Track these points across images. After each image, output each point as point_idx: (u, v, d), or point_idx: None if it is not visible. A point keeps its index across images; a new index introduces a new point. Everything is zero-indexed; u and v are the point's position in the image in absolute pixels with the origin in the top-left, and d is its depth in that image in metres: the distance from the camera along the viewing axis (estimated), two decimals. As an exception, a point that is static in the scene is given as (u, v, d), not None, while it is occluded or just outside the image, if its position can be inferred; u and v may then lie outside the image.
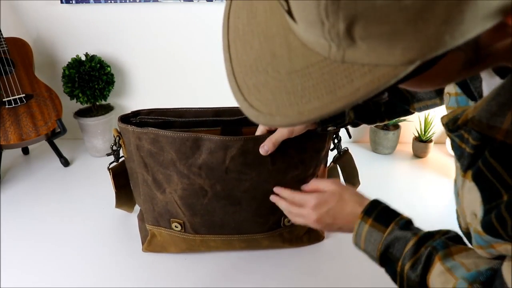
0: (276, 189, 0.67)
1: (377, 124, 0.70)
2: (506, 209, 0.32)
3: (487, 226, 0.35)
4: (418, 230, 0.50)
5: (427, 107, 0.68)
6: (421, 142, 1.17)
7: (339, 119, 0.65)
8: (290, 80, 0.27)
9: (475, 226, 0.37)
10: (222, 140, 0.63)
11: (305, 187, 0.65)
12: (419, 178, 1.08)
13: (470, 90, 0.41)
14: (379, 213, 0.54)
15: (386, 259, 0.51)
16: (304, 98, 0.26)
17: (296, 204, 0.63)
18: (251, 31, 0.29)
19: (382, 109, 0.65)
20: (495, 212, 0.34)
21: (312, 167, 0.70)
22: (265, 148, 0.63)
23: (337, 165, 0.79)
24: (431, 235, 0.48)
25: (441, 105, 0.67)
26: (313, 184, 0.64)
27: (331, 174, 0.80)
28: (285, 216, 0.74)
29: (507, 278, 0.35)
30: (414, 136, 1.20)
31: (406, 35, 0.22)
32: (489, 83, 0.36)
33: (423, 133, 1.17)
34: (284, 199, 0.66)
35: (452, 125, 0.36)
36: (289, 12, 0.26)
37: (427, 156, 1.19)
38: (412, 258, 0.47)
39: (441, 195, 0.97)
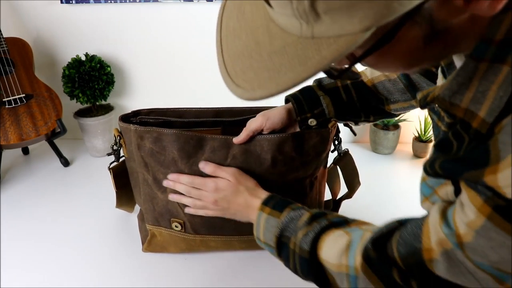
0: (172, 176, 0.65)
1: (357, 122, 0.71)
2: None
3: (425, 168, 0.38)
4: (310, 209, 0.54)
5: (404, 109, 0.69)
6: (421, 142, 1.17)
7: (318, 115, 0.66)
8: (270, 60, 0.31)
9: (422, 175, 0.40)
10: (225, 138, 0.63)
11: (205, 167, 0.64)
12: (419, 178, 1.08)
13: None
14: (277, 203, 0.57)
15: (282, 245, 0.52)
16: (280, 72, 0.30)
17: (195, 187, 0.64)
18: (240, 26, 0.34)
19: (358, 105, 0.67)
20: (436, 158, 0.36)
21: (312, 169, 0.70)
22: (238, 139, 0.63)
23: (337, 166, 0.79)
24: (323, 213, 0.52)
25: (417, 107, 0.68)
26: (213, 169, 0.64)
27: (331, 175, 0.80)
28: None
29: (432, 212, 0.38)
30: (414, 136, 1.20)
31: (361, 4, 0.25)
32: None
33: (423, 133, 1.17)
34: (181, 184, 0.66)
35: (423, 102, 0.39)
36: (267, 3, 0.30)
37: (427, 156, 1.19)
38: (305, 228, 0.50)
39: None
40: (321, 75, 0.57)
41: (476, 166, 0.31)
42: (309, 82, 0.45)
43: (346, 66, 0.34)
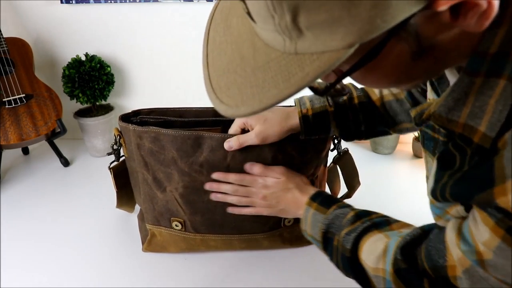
0: (218, 174, 0.65)
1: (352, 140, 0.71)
2: (450, 183, 0.35)
3: (433, 193, 0.38)
4: (356, 208, 0.55)
5: (408, 130, 0.68)
6: (421, 142, 1.17)
7: (323, 132, 0.66)
8: (254, 76, 0.31)
9: (429, 198, 0.40)
10: (223, 138, 0.63)
11: (252, 167, 0.64)
12: (419, 178, 1.08)
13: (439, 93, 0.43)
14: (324, 199, 0.59)
15: (327, 240, 0.54)
16: (264, 88, 0.30)
17: (243, 185, 0.65)
18: (226, 40, 0.34)
19: (362, 128, 0.67)
20: (441, 182, 0.36)
21: (312, 168, 0.70)
22: (229, 144, 0.62)
23: (337, 166, 0.79)
24: (368, 212, 0.53)
25: None
26: (261, 169, 0.64)
27: (331, 174, 0.80)
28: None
29: (449, 228, 0.37)
30: (414, 136, 1.20)
31: (342, 21, 0.25)
32: None
33: (423, 133, 1.17)
34: (226, 183, 0.66)
35: (418, 119, 0.39)
36: (249, 13, 0.30)
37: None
38: (349, 227, 0.51)
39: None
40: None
41: (483, 186, 0.30)
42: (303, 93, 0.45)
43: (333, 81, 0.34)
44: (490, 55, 0.30)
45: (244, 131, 0.66)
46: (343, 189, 0.82)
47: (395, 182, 1.07)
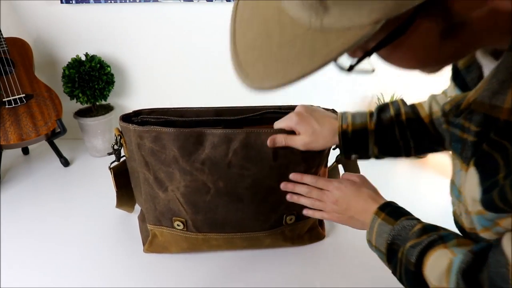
0: (295, 175, 0.67)
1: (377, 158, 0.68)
2: (508, 183, 0.33)
3: (488, 203, 0.36)
4: (424, 222, 0.52)
5: None
6: (421, 142, 1.17)
7: (361, 150, 0.65)
8: (279, 52, 0.31)
9: (477, 208, 0.38)
10: (225, 133, 0.64)
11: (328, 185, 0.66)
12: (419, 178, 1.08)
13: (465, 83, 0.41)
14: (393, 210, 0.57)
15: (392, 252, 0.52)
16: (288, 63, 0.30)
17: (318, 187, 0.66)
18: (253, 15, 0.34)
19: (412, 144, 0.64)
20: (497, 188, 0.34)
21: (314, 166, 0.70)
22: (275, 139, 0.64)
23: (338, 165, 0.80)
24: (436, 227, 0.51)
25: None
26: (343, 176, 0.66)
27: (332, 174, 0.80)
28: (287, 214, 0.74)
29: (507, 247, 0.35)
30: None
31: None
32: (491, 68, 0.36)
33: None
34: (301, 184, 0.67)
35: (455, 110, 0.37)
36: None
37: (427, 156, 1.19)
38: (414, 239, 0.49)
39: (441, 195, 0.97)
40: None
41: None
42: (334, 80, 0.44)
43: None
44: None
45: (285, 131, 0.66)
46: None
47: (395, 182, 1.06)
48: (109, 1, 1.15)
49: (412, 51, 0.32)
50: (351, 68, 0.34)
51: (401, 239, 0.51)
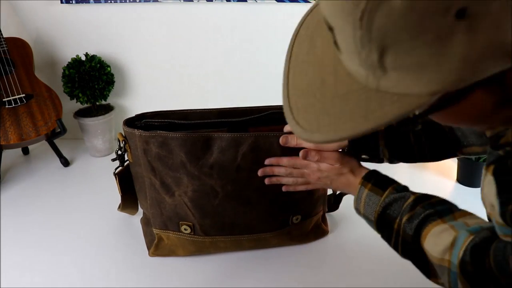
0: (271, 159, 0.66)
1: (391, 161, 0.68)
2: None
3: (505, 216, 0.36)
4: (415, 192, 0.54)
5: (477, 154, 0.63)
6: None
7: (372, 151, 0.65)
8: (332, 103, 0.31)
9: (496, 218, 0.38)
10: (233, 138, 0.63)
11: (309, 156, 0.65)
12: (419, 178, 1.08)
13: None
14: (378, 179, 0.59)
15: (383, 221, 0.54)
16: (341, 119, 0.30)
17: (297, 166, 0.66)
18: (308, 60, 0.34)
19: (426, 150, 0.64)
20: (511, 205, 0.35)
21: None
22: (287, 140, 0.64)
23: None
24: (428, 196, 0.53)
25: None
26: (318, 157, 0.65)
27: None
28: (294, 214, 0.74)
29: None
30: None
31: (429, 68, 0.25)
32: None
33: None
34: (280, 166, 0.67)
35: (494, 142, 0.37)
36: (335, 43, 0.30)
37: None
38: (410, 212, 0.51)
39: (441, 195, 0.97)
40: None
41: None
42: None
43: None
44: None
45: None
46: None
47: (395, 178, 1.06)
48: (109, 1, 1.15)
49: (462, 117, 0.32)
50: (398, 126, 0.33)
51: (393, 209, 0.53)
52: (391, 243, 0.54)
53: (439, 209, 0.50)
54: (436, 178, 1.07)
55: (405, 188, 0.56)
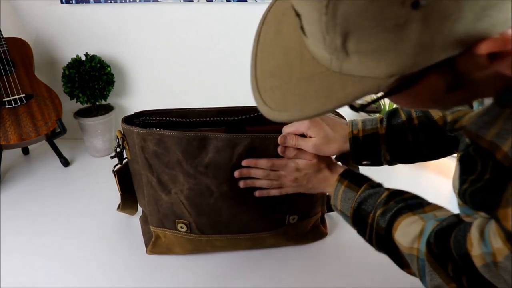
0: (248, 161, 0.66)
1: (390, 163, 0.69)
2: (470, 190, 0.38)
3: (464, 196, 0.40)
4: (389, 188, 0.57)
5: None
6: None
7: (373, 156, 0.65)
8: (298, 85, 0.33)
9: (458, 199, 0.42)
10: (229, 138, 0.63)
11: (285, 152, 0.65)
12: (419, 178, 1.08)
13: None
14: (354, 176, 0.61)
15: (358, 216, 0.57)
16: (306, 99, 0.32)
17: (275, 168, 0.66)
18: (276, 43, 0.36)
19: (425, 150, 0.65)
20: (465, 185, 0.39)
21: None
22: (286, 140, 0.64)
23: (343, 162, 0.79)
24: (401, 192, 0.56)
25: None
26: (295, 153, 0.65)
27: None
28: (290, 214, 0.74)
29: (474, 230, 0.40)
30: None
31: (388, 53, 0.27)
32: (488, 102, 0.40)
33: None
34: (257, 168, 0.67)
35: (450, 126, 0.42)
36: (302, 28, 0.32)
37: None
38: (383, 207, 0.54)
39: (441, 195, 0.97)
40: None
41: (492, 205, 0.34)
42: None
43: (369, 100, 0.36)
44: None
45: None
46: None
47: (395, 182, 1.06)
48: (109, 1, 1.15)
49: (419, 99, 0.35)
50: (361, 109, 0.36)
51: (368, 205, 0.56)
52: (366, 237, 0.56)
53: (410, 203, 0.53)
54: (435, 177, 1.07)
55: (379, 185, 0.59)
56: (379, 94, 0.34)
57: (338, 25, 0.27)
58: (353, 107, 0.37)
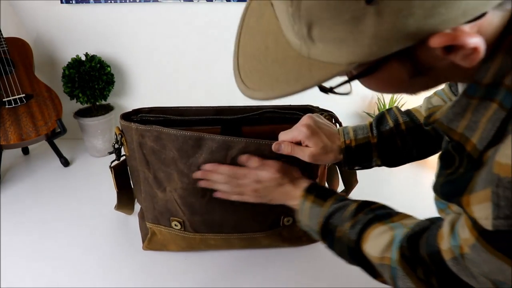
0: (210, 166, 0.65)
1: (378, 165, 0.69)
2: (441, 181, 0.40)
3: (435, 188, 0.42)
4: (356, 200, 0.57)
5: None
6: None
7: (365, 163, 0.66)
8: (272, 67, 0.36)
9: (434, 196, 0.43)
10: (224, 140, 0.63)
11: (248, 160, 0.65)
12: (419, 178, 1.08)
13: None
14: (320, 191, 0.61)
15: (327, 231, 0.56)
16: (278, 81, 0.35)
17: (236, 177, 0.65)
18: (257, 27, 0.39)
19: (414, 153, 0.65)
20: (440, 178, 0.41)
21: (316, 169, 0.70)
22: (280, 147, 0.63)
23: (336, 164, 0.80)
24: (369, 202, 0.56)
25: None
26: (258, 163, 0.64)
27: (330, 173, 0.81)
28: (285, 216, 0.74)
29: (446, 225, 0.42)
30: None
31: (348, 42, 0.30)
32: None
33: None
34: (217, 173, 0.66)
35: (426, 121, 0.43)
36: (276, 17, 0.35)
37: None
38: (353, 219, 0.54)
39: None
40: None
41: (458, 192, 0.36)
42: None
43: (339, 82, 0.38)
44: (484, 85, 0.34)
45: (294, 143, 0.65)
46: (340, 187, 0.83)
47: (395, 181, 1.07)
48: (109, 1, 1.16)
49: (385, 83, 0.38)
50: (330, 90, 0.39)
51: (336, 218, 0.55)
52: (336, 251, 0.56)
53: (378, 213, 0.53)
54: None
55: (345, 198, 0.59)
56: (345, 78, 0.36)
57: (302, 16, 0.30)
58: (323, 89, 0.40)
